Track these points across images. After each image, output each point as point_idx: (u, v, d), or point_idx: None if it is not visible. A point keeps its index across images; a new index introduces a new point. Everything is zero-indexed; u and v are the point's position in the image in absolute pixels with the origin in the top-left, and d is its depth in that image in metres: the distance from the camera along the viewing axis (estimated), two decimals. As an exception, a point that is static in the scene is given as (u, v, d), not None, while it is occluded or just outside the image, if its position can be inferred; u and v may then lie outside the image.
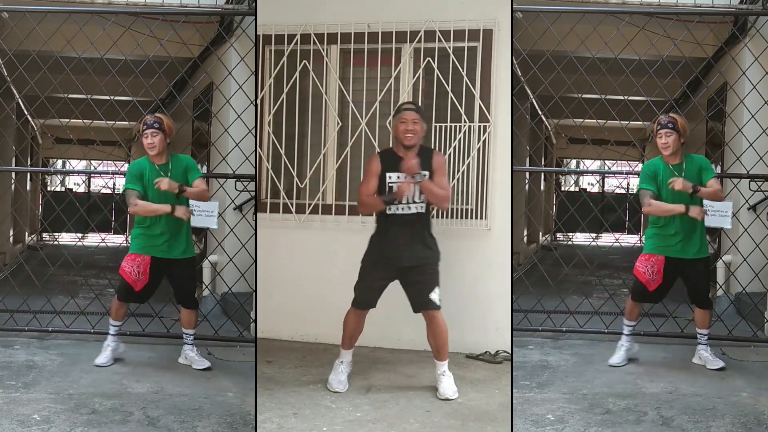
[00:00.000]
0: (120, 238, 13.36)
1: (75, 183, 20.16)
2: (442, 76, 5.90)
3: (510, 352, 5.28)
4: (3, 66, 7.84)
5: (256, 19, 5.92)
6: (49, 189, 18.08)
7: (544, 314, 6.35)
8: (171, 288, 5.58)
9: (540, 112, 9.92)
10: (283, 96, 6.22)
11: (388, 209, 4.83)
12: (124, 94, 6.77)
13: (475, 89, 5.84)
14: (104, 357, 5.41)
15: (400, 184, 4.72)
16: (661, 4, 7.14)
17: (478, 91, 5.82)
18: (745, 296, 6.42)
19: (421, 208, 4.84)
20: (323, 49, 6.13)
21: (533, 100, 8.86)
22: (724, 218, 5.67)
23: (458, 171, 5.85)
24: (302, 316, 6.08)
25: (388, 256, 4.85)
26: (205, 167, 7.59)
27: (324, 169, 6.19)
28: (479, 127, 5.84)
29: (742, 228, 6.39)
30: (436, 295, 4.79)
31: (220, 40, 6.93)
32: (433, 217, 5.06)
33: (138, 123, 5.65)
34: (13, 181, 9.99)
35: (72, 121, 7.60)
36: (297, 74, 6.19)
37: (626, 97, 6.54)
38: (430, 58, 5.93)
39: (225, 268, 6.50)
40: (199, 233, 7.45)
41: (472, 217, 5.86)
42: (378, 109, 6.05)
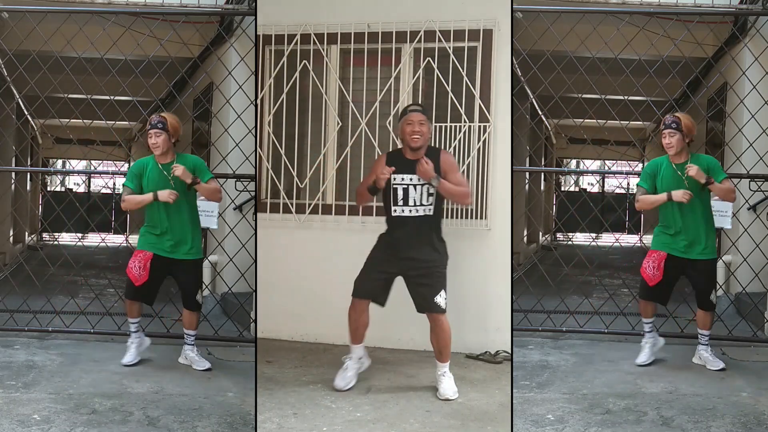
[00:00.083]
0: (120, 238, 13.36)
1: (75, 183, 20.17)
2: (442, 76, 5.90)
3: (510, 352, 5.29)
4: (3, 66, 7.84)
5: (256, 19, 5.92)
6: (49, 189, 18.07)
7: (544, 314, 6.35)
8: (171, 288, 5.58)
9: (540, 112, 9.92)
10: (283, 96, 6.21)
11: (393, 210, 4.85)
12: (124, 94, 6.76)
13: (475, 89, 5.84)
14: (129, 356, 5.43)
15: (421, 167, 4.71)
16: (661, 4, 7.14)
17: (478, 91, 5.82)
18: (745, 296, 6.42)
19: (429, 211, 4.83)
20: (323, 49, 6.13)
21: (533, 100, 8.85)
22: (724, 218, 5.68)
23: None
24: (302, 316, 6.08)
25: (394, 252, 4.86)
26: (205, 167, 7.59)
27: (324, 169, 6.19)
28: (479, 127, 5.84)
29: (742, 228, 6.39)
30: (441, 299, 4.78)
31: (220, 40, 6.93)
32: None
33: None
34: (13, 181, 9.98)
35: (72, 121, 7.60)
36: (297, 74, 6.19)
37: (626, 97, 6.54)
38: (430, 58, 5.93)
39: (225, 268, 6.50)
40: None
41: (472, 217, 5.86)
42: (378, 109, 6.05)
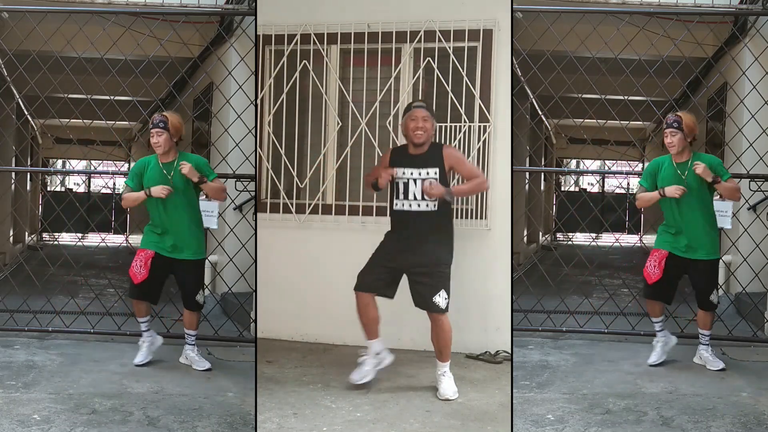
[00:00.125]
0: (120, 238, 13.36)
1: (75, 183, 20.18)
2: (442, 76, 5.90)
3: (510, 352, 5.28)
4: (3, 66, 7.84)
5: (256, 19, 5.92)
6: (49, 189, 18.08)
7: (544, 314, 6.36)
8: (171, 288, 5.58)
9: (540, 112, 9.92)
10: (283, 96, 6.21)
11: (395, 204, 4.89)
12: (124, 94, 6.76)
13: (475, 89, 5.84)
14: (141, 355, 5.44)
15: (427, 191, 4.75)
16: (661, 4, 7.14)
17: (478, 91, 5.82)
18: (745, 296, 6.42)
19: (432, 206, 4.84)
20: (323, 49, 6.13)
21: (533, 100, 8.86)
22: (724, 218, 5.68)
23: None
24: (302, 316, 6.08)
25: (396, 248, 4.88)
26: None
27: (324, 169, 6.19)
28: (479, 127, 5.84)
29: (742, 228, 6.39)
30: (440, 299, 4.77)
31: (220, 40, 6.93)
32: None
33: None
34: (13, 181, 9.99)
35: (72, 121, 7.60)
36: (297, 74, 6.19)
37: (626, 97, 6.54)
38: (430, 58, 5.93)
39: (225, 268, 6.51)
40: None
41: (472, 217, 5.86)
42: (378, 109, 6.05)
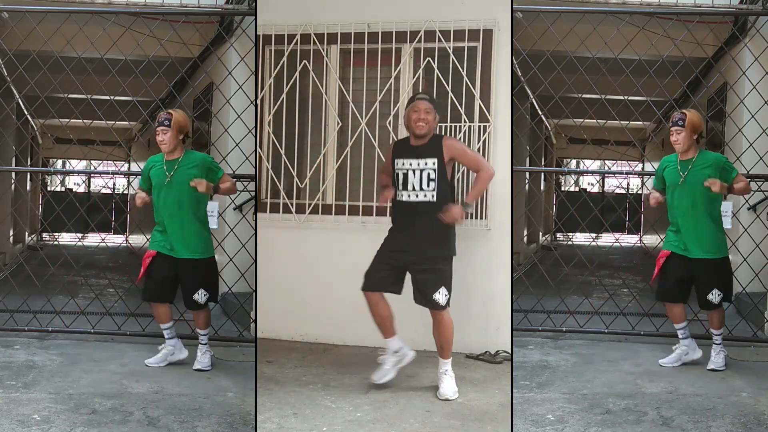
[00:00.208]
0: (120, 238, 13.37)
1: (75, 183, 20.20)
2: (442, 76, 5.90)
3: (510, 352, 5.28)
4: (3, 66, 7.85)
5: (256, 19, 5.92)
6: (49, 189, 18.10)
7: (544, 314, 6.35)
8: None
9: (540, 112, 9.93)
10: (283, 96, 6.21)
11: (398, 196, 4.91)
12: (124, 94, 6.77)
13: (475, 89, 5.83)
14: (154, 358, 5.43)
15: (451, 212, 4.76)
16: (661, 4, 7.14)
17: (478, 91, 5.82)
18: (745, 296, 6.42)
19: (431, 197, 4.83)
20: (323, 49, 6.13)
21: (533, 100, 8.86)
22: (725, 218, 5.66)
23: (458, 171, 5.85)
24: (302, 316, 6.08)
25: (398, 242, 4.90)
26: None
27: (324, 169, 6.19)
28: (479, 127, 5.84)
29: (742, 228, 6.39)
30: (440, 296, 4.77)
31: (220, 40, 6.93)
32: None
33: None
34: (13, 181, 9.99)
35: (72, 121, 7.61)
36: (297, 74, 6.19)
37: (626, 97, 6.55)
38: (430, 58, 5.93)
39: (225, 268, 6.50)
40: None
41: (472, 217, 5.85)
42: (378, 109, 6.05)
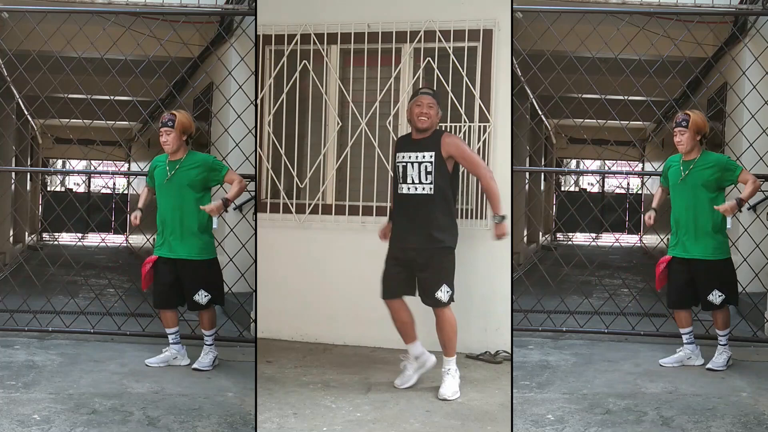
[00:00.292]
0: (120, 238, 13.38)
1: (75, 183, 20.20)
2: (442, 76, 5.90)
3: (510, 352, 5.28)
4: (3, 66, 7.85)
5: (256, 19, 5.92)
6: (49, 189, 18.10)
7: (544, 314, 6.35)
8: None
9: (540, 112, 9.92)
10: (283, 96, 6.21)
11: (399, 189, 4.93)
12: (124, 94, 6.76)
13: (475, 89, 5.84)
14: (155, 358, 5.42)
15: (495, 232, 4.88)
16: (661, 4, 7.14)
17: (478, 91, 5.82)
18: (745, 296, 6.41)
19: (429, 190, 4.83)
20: (323, 49, 6.13)
21: (533, 100, 8.85)
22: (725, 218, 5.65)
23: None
24: (302, 316, 6.08)
25: (399, 240, 4.92)
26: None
27: (324, 169, 6.19)
28: (479, 127, 5.84)
29: (742, 228, 6.39)
30: (442, 294, 4.79)
31: (220, 40, 6.92)
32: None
33: None
34: (13, 181, 9.99)
35: (72, 121, 7.60)
36: (297, 74, 6.19)
37: (626, 97, 6.55)
38: (430, 58, 5.93)
39: (225, 268, 6.49)
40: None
41: (472, 217, 5.86)
42: (378, 109, 6.05)
